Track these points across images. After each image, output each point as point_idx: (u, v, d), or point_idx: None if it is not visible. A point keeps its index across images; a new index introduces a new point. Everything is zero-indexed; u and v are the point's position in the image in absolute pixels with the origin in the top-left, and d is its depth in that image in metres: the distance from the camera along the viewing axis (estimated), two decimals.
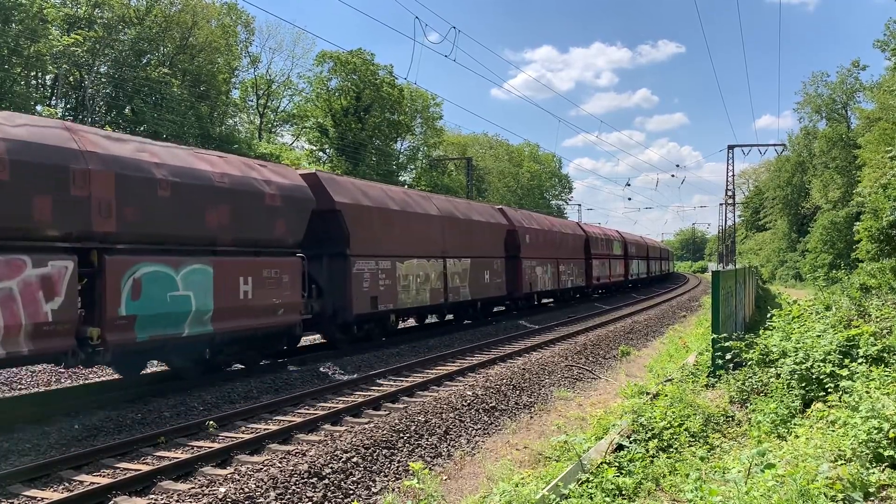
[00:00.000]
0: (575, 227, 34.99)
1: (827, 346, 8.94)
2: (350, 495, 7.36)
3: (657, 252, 63.11)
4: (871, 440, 5.88)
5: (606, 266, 38.55)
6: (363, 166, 51.38)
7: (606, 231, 42.35)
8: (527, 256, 26.00)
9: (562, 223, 33.89)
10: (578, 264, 33.41)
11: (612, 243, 40.39)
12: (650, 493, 6.23)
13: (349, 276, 15.38)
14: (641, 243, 52.39)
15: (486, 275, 22.64)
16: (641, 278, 51.25)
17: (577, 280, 32.94)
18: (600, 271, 37.12)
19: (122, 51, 38.91)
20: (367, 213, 16.08)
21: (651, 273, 57.02)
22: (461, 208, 22.22)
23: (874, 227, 27.55)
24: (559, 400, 12.28)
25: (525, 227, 26.31)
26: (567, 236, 31.84)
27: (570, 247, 32.08)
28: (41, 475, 7.44)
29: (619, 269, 42.20)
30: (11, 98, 29.28)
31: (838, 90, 55.06)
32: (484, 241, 22.55)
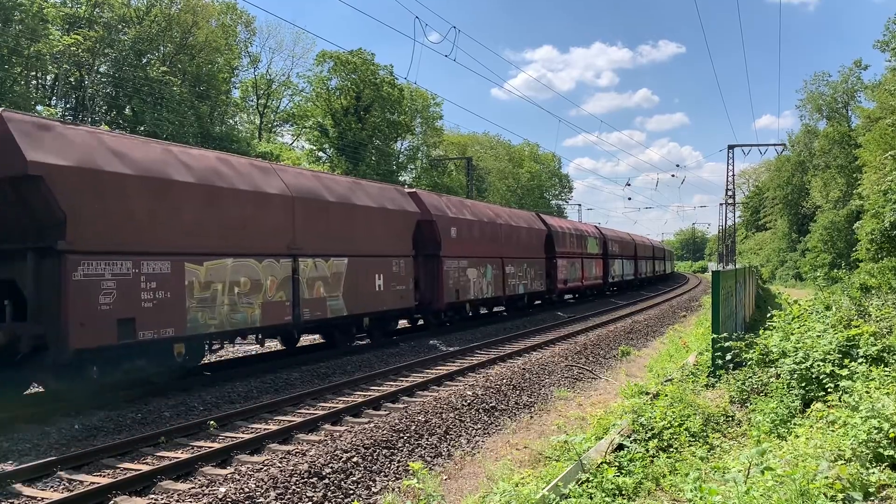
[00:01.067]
0: (532, 220, 28.81)
1: (827, 346, 8.94)
2: (350, 495, 7.36)
3: (648, 251, 56.57)
4: (871, 440, 5.88)
5: (577, 267, 32.77)
6: (363, 166, 51.39)
7: (579, 226, 36.52)
8: (452, 255, 20.22)
9: (512, 214, 27.08)
10: (537, 265, 27.38)
11: (586, 240, 34.75)
12: (650, 492, 6.23)
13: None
14: (627, 240, 46.39)
15: (379, 280, 16.61)
16: (627, 280, 45.64)
17: (534, 284, 27.00)
18: (569, 273, 31.34)
19: (122, 51, 38.92)
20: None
21: (640, 274, 50.92)
22: None
23: (875, 229, 27.55)
24: (559, 400, 12.28)
25: (449, 217, 20.42)
26: (519, 230, 25.91)
27: (525, 243, 26.29)
28: (41, 475, 7.44)
29: (596, 270, 36.54)
30: (11, 98, 29.28)
31: (840, 89, 55.09)
32: (376, 234, 16.55)
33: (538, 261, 27.72)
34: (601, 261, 37.58)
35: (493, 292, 23.23)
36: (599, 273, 37.27)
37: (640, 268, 50.89)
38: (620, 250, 42.95)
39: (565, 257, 30.78)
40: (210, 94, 43.94)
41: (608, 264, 38.87)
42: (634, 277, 48.24)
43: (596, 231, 38.60)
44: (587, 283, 34.70)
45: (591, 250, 35.49)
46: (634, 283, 48.75)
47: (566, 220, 36.56)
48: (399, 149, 63.36)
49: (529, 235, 27.11)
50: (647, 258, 54.66)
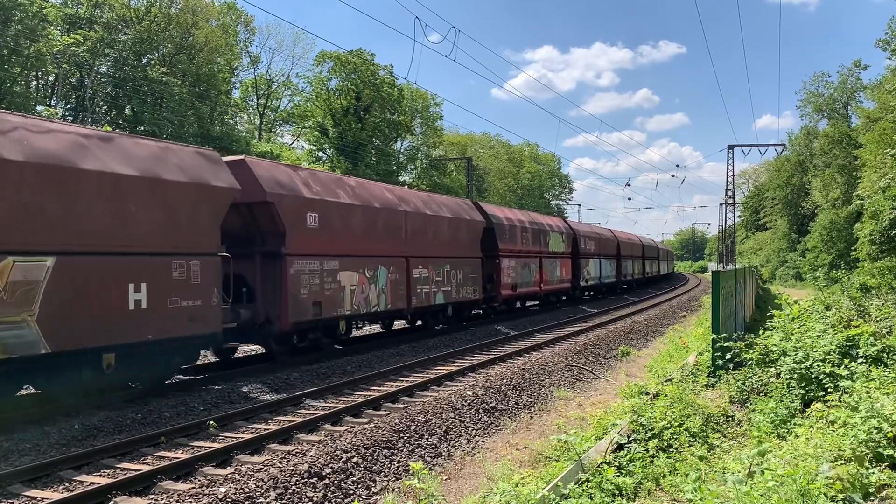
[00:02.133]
0: (463, 208, 22.48)
1: (827, 346, 8.94)
2: (350, 495, 7.36)
3: (637, 249, 50.04)
4: (870, 440, 5.89)
5: (532, 268, 26.86)
6: (363, 166, 51.40)
7: (538, 218, 30.10)
8: (307, 253, 14.19)
9: (429, 200, 20.74)
10: (468, 267, 21.48)
11: (547, 236, 28.89)
12: (650, 493, 6.23)
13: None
14: (606, 238, 40.27)
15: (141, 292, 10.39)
16: (607, 283, 39.58)
17: (463, 291, 21.15)
18: (520, 276, 25.43)
19: (122, 51, 38.93)
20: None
21: (625, 276, 44.34)
22: None
23: (874, 229, 27.56)
24: (559, 400, 12.29)
25: (302, 199, 14.14)
26: (438, 221, 19.91)
27: (448, 238, 20.43)
28: (41, 475, 7.44)
29: (562, 272, 30.88)
30: (11, 98, 29.29)
31: (839, 90, 55.11)
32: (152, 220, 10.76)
33: (470, 261, 21.70)
34: (569, 261, 32.02)
35: (388, 304, 17.09)
36: (567, 275, 31.59)
37: (626, 269, 44.55)
38: (598, 249, 37.21)
39: (514, 256, 25.13)
40: (210, 95, 43.95)
41: (579, 265, 33.21)
42: (617, 280, 42.05)
43: (562, 225, 32.65)
44: (548, 287, 28.87)
45: (554, 248, 29.92)
46: (618, 286, 42.45)
47: (520, 212, 29.34)
48: (399, 149, 63.42)
49: (456, 228, 21.08)
50: (633, 258, 48.33)
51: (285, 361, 14.20)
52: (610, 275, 40.03)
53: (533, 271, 27.09)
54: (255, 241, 13.80)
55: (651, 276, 57.69)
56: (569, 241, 32.13)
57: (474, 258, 22.20)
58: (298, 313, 13.93)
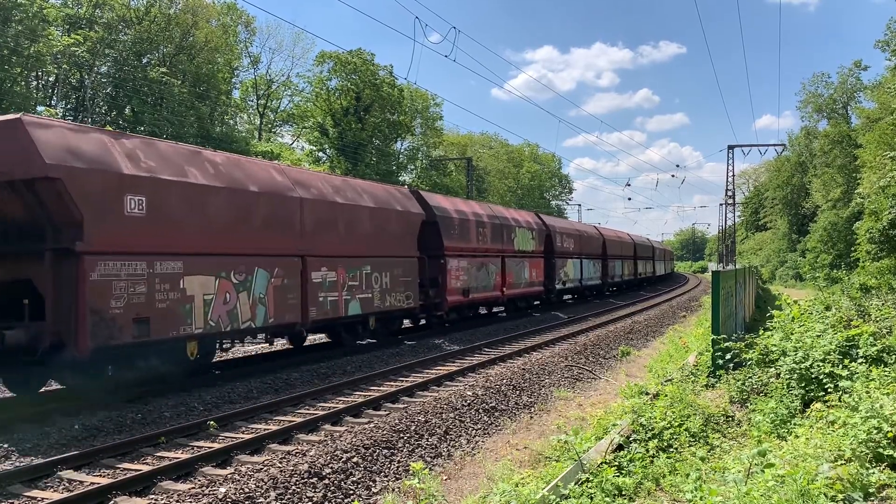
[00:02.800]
0: (394, 197, 18.25)
1: (827, 346, 8.94)
2: (350, 495, 7.36)
3: (627, 249, 45.86)
4: (870, 440, 5.89)
5: (491, 270, 23.05)
6: (363, 166, 51.41)
7: (500, 211, 26.11)
8: (124, 251, 10.29)
9: (343, 184, 16.54)
10: (401, 268, 17.62)
11: (511, 232, 25.18)
12: (650, 493, 6.23)
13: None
14: (591, 235, 36.78)
15: None
16: (591, 286, 36.26)
17: (394, 298, 17.31)
18: (475, 278, 21.75)
19: (122, 51, 38.94)
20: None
21: (612, 278, 40.52)
22: None
23: (874, 228, 27.57)
24: (559, 400, 12.29)
25: (119, 177, 10.30)
26: (355, 211, 15.94)
27: (371, 233, 16.49)
28: (41, 475, 7.44)
29: (532, 273, 27.10)
30: (11, 98, 29.30)
31: (839, 90, 55.14)
32: None
33: (403, 261, 17.68)
34: (541, 261, 28.49)
35: (270, 317, 13.18)
36: (538, 277, 28.00)
37: (613, 270, 40.88)
38: (578, 247, 33.74)
39: (466, 256, 21.32)
40: (210, 95, 43.96)
41: (554, 266, 29.50)
42: (603, 282, 38.70)
43: (532, 220, 28.68)
44: (514, 291, 25.35)
45: (522, 247, 26.16)
46: (604, 288, 39.22)
47: (478, 204, 25.09)
48: (399, 149, 63.46)
49: (383, 221, 16.87)
50: (623, 258, 44.30)
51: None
52: (593, 276, 36.59)
53: (493, 273, 23.42)
54: (44, 235, 9.90)
55: (645, 278, 53.68)
56: (541, 238, 28.46)
57: (408, 258, 18.03)
58: (105, 334, 9.88)
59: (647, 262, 54.23)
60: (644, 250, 52.76)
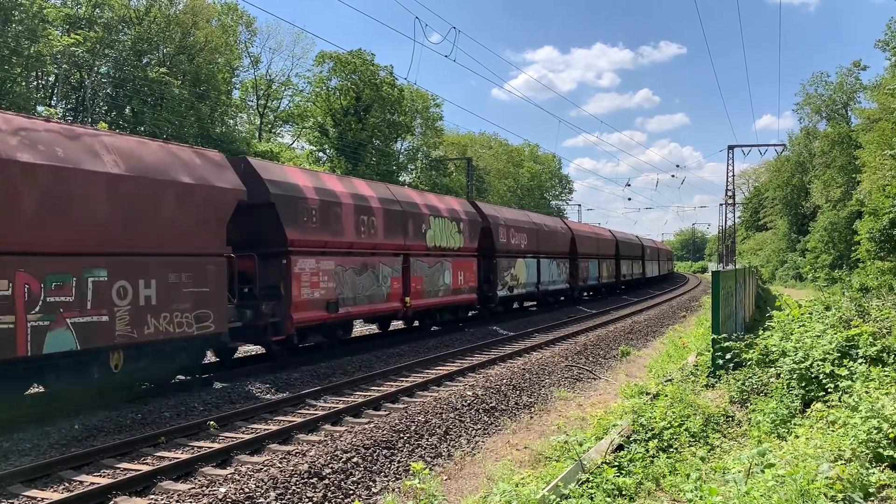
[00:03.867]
0: (183, 164, 11.66)
1: (827, 346, 8.94)
2: (350, 495, 7.36)
3: (608, 247, 39.13)
4: (870, 440, 5.89)
5: (383, 274, 17.06)
6: (363, 166, 51.41)
7: (406, 195, 19.67)
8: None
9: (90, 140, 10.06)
10: (184, 273, 11.20)
11: (422, 224, 18.92)
12: (650, 493, 6.23)
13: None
14: (553, 230, 30.09)
15: None
16: (551, 291, 29.50)
17: (163, 322, 10.70)
18: (349, 286, 15.71)
19: (122, 51, 38.95)
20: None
21: (586, 280, 34.51)
22: None
23: (874, 227, 27.56)
24: (559, 400, 12.29)
25: None
26: (117, 184, 10.10)
27: (104, 215, 9.93)
28: (41, 475, 7.44)
29: (460, 278, 20.91)
30: (12, 98, 29.30)
31: (838, 91, 55.15)
32: None
33: (193, 262, 11.40)
34: (473, 261, 21.95)
35: None
36: (469, 282, 21.53)
37: (587, 271, 34.43)
38: (534, 245, 27.03)
39: (333, 254, 15.32)
40: (210, 95, 43.96)
41: (495, 267, 23.16)
42: (572, 286, 32.19)
43: (460, 208, 21.73)
44: (424, 301, 18.95)
45: (439, 242, 19.55)
46: (574, 293, 32.82)
47: (364, 182, 18.21)
48: (399, 149, 63.44)
49: (145, 197, 10.60)
50: (603, 258, 37.52)
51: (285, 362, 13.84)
52: (558, 279, 30.33)
53: (384, 278, 17.02)
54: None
55: (633, 280, 47.32)
56: (473, 232, 21.88)
57: (203, 257, 11.61)
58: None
59: (635, 263, 48.38)
60: (631, 249, 46.81)
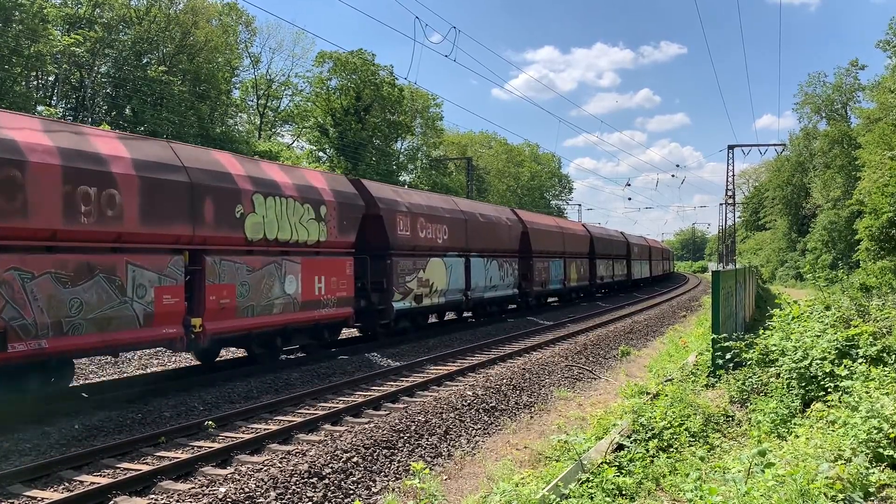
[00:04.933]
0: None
1: (826, 345, 8.94)
2: (350, 495, 7.36)
3: (580, 244, 32.01)
4: (870, 440, 5.89)
5: (135, 280, 10.25)
6: (363, 166, 51.39)
7: (194, 153, 12.09)
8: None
9: None
10: None
11: (234, 200, 12.19)
12: (650, 492, 6.23)
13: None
14: (491, 221, 23.49)
15: None
16: (497, 298, 23.79)
17: None
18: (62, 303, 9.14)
19: (122, 51, 38.93)
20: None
21: (544, 284, 26.99)
22: None
23: (874, 225, 27.56)
24: (559, 400, 12.28)
25: None
26: None
27: None
28: (41, 475, 7.44)
29: (315, 286, 14.29)
30: (12, 98, 29.29)
31: (837, 91, 55.15)
32: None
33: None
34: (347, 261, 15.79)
35: None
36: (340, 291, 15.31)
37: (546, 273, 27.17)
38: (461, 240, 20.93)
39: None
40: (210, 94, 43.94)
41: (389, 269, 17.33)
42: (521, 291, 25.69)
43: (326, 185, 15.39)
44: (239, 323, 12.43)
45: (288, 235, 13.79)
46: (525, 299, 25.93)
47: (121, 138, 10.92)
48: (399, 149, 63.42)
49: None
50: (568, 256, 30.19)
51: None
52: (500, 284, 23.70)
53: (139, 289, 10.49)
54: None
55: (615, 282, 39.33)
56: (348, 220, 15.60)
57: None
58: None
59: (614, 263, 39.56)
60: (610, 246, 38.75)
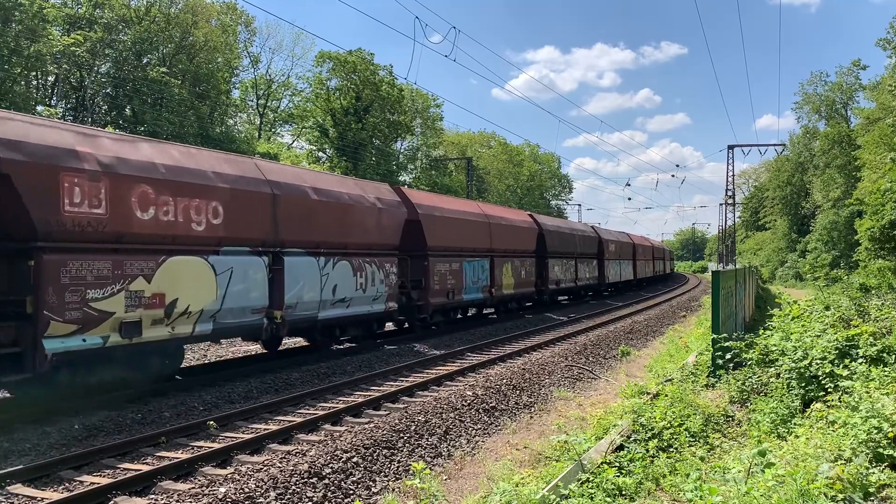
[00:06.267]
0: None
1: (826, 345, 8.95)
2: (350, 495, 7.36)
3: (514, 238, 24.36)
4: (870, 440, 5.89)
5: None
6: (363, 166, 51.40)
7: None
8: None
9: None
10: None
11: None
12: (650, 493, 6.23)
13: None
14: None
15: None
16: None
17: None
18: None
19: (122, 51, 38.92)
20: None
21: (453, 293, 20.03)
22: None
23: (875, 225, 27.56)
24: (559, 400, 12.28)
25: None
26: None
27: None
28: (41, 475, 7.44)
29: None
30: (12, 98, 29.29)
31: (837, 90, 55.14)
32: None
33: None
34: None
35: None
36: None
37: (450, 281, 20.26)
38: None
39: None
40: (210, 94, 43.92)
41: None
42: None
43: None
44: None
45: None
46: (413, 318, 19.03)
47: None
48: (399, 149, 63.44)
49: None
50: (497, 255, 22.68)
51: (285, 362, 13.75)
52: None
53: None
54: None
55: (578, 287, 32.26)
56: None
57: None
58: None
59: (577, 264, 31.76)
60: (570, 244, 30.71)
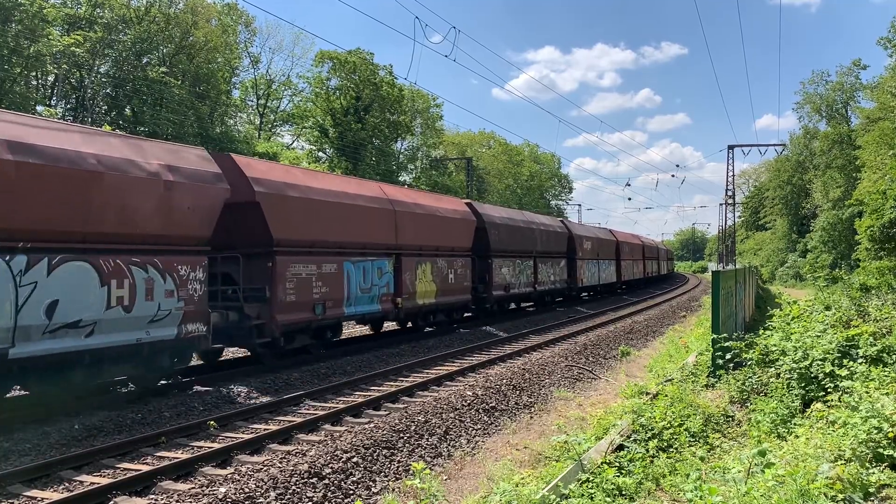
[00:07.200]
0: None
1: (827, 345, 8.94)
2: (350, 495, 7.36)
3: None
4: (870, 440, 5.89)
5: None
6: (363, 166, 51.39)
7: None
8: None
9: None
10: None
11: None
12: (650, 493, 6.23)
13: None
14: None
15: None
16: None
17: None
18: None
19: (122, 51, 38.91)
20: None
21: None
22: None
23: (875, 225, 27.54)
24: (559, 400, 12.28)
25: None
26: None
27: None
28: (41, 475, 7.44)
29: None
30: (11, 98, 29.28)
31: (838, 90, 55.12)
32: None
33: None
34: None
35: None
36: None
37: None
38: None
39: None
40: (210, 95, 43.91)
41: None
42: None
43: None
44: None
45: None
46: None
47: None
48: (399, 149, 63.43)
49: None
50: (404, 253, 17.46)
51: None
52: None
53: None
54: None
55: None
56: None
57: None
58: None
59: (537, 265, 26.35)
60: (530, 240, 25.80)
